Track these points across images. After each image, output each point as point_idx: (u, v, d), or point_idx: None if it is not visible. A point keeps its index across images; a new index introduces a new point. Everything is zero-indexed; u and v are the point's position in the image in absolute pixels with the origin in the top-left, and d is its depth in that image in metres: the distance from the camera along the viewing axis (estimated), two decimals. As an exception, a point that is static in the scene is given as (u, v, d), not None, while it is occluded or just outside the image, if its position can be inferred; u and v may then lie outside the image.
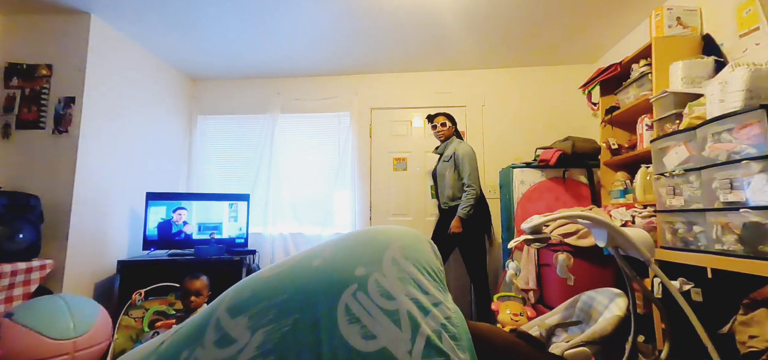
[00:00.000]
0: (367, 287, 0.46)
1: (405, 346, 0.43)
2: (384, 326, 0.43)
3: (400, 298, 0.46)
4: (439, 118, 2.78)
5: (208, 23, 2.60)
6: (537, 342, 0.61)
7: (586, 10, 2.43)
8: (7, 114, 2.41)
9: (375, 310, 0.44)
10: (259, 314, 0.45)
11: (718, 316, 1.32)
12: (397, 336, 0.43)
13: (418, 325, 0.44)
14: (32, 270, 2.06)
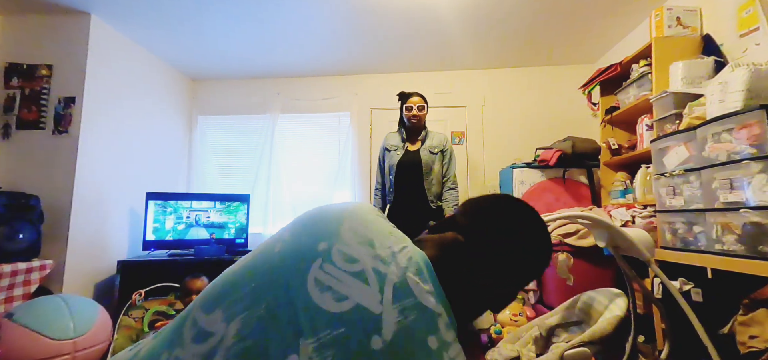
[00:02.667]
0: (332, 257, 0.49)
1: (375, 298, 0.46)
2: (353, 287, 0.47)
3: (363, 259, 0.49)
4: (416, 98, 2.36)
5: (208, 23, 2.60)
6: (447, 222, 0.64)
7: (586, 10, 2.43)
8: (7, 114, 2.41)
9: (342, 275, 0.48)
10: (232, 305, 0.47)
11: (718, 316, 1.33)
12: (366, 292, 0.47)
13: (383, 276, 0.48)
14: (32, 270, 2.06)
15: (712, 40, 1.88)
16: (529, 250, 0.62)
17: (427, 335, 0.47)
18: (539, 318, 1.79)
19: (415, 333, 0.46)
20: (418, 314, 0.47)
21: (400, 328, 0.46)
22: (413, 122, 2.35)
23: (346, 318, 0.45)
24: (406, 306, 0.47)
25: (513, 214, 0.63)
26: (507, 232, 0.61)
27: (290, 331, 0.45)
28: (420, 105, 2.34)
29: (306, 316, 0.45)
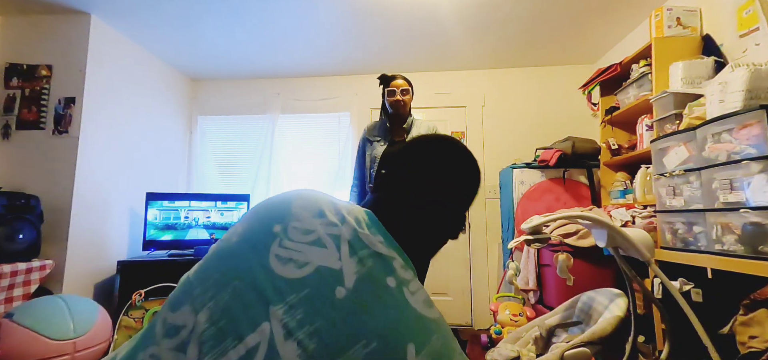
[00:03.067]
0: (288, 234, 0.52)
1: (334, 256, 0.51)
2: (312, 253, 0.51)
3: (317, 228, 0.53)
4: (400, 81, 2.04)
5: (209, 23, 2.61)
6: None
7: (586, 10, 2.44)
8: (7, 114, 2.41)
9: (300, 246, 0.51)
10: (198, 298, 0.49)
11: (718, 317, 1.32)
12: (324, 253, 0.51)
13: (337, 237, 0.53)
14: (32, 270, 2.06)
15: (712, 40, 1.88)
16: (443, 161, 0.66)
17: (386, 277, 0.51)
18: (539, 318, 1.80)
19: (374, 276, 0.51)
20: (374, 261, 0.52)
21: (359, 275, 0.50)
22: (397, 109, 2.03)
23: (310, 279, 0.49)
24: (362, 256, 0.52)
25: (423, 140, 0.68)
26: (419, 153, 0.66)
27: (259, 305, 0.47)
28: (404, 89, 2.02)
29: (272, 287, 0.48)
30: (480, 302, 3.13)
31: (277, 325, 0.46)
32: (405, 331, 0.48)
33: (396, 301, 0.50)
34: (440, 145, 0.66)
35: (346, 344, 0.45)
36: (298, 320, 0.46)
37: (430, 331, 0.50)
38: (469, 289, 3.20)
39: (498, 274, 3.12)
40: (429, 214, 0.64)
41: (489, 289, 3.13)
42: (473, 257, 3.20)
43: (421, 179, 0.64)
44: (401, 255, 0.56)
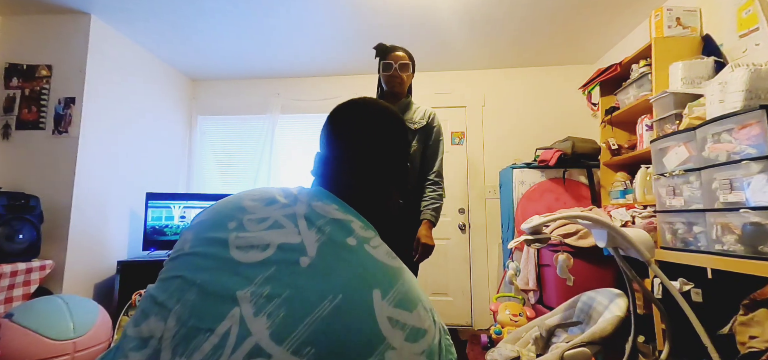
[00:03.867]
0: (244, 227, 0.53)
1: (293, 232, 0.53)
2: (271, 235, 0.52)
3: (272, 214, 0.55)
4: (400, 53, 1.72)
5: (208, 24, 2.61)
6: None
7: (586, 10, 2.44)
8: (7, 114, 2.41)
9: (259, 233, 0.52)
10: (162, 306, 0.49)
11: (718, 317, 1.33)
12: (284, 233, 0.52)
13: (293, 215, 0.55)
14: (32, 270, 2.06)
15: (711, 40, 1.88)
16: (365, 122, 0.67)
17: (346, 238, 0.53)
18: (539, 318, 1.80)
19: (335, 240, 0.53)
20: (332, 227, 0.54)
21: (320, 242, 0.52)
22: (392, 85, 1.72)
23: (273, 258, 0.50)
24: (320, 225, 0.54)
25: (342, 108, 0.69)
26: (343, 122, 0.67)
27: (227, 295, 0.47)
28: (403, 62, 1.70)
29: (237, 275, 0.49)
30: (480, 302, 3.13)
31: (246, 305, 0.46)
32: (370, 279, 0.50)
33: (358, 257, 0.52)
34: (357, 108, 0.67)
35: (314, 303, 0.46)
36: (266, 296, 0.47)
37: (394, 278, 0.52)
38: (469, 289, 3.20)
39: (498, 274, 3.12)
40: (369, 173, 0.65)
41: (489, 289, 3.13)
42: (473, 257, 3.20)
43: (350, 145, 0.65)
44: (358, 218, 0.58)
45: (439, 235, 3.24)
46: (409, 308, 0.50)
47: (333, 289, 0.47)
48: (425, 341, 0.49)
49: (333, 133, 0.66)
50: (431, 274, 3.23)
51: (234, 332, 0.44)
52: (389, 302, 0.49)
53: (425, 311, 0.52)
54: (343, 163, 0.64)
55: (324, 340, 0.44)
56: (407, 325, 0.49)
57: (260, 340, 0.44)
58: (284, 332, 0.44)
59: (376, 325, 0.47)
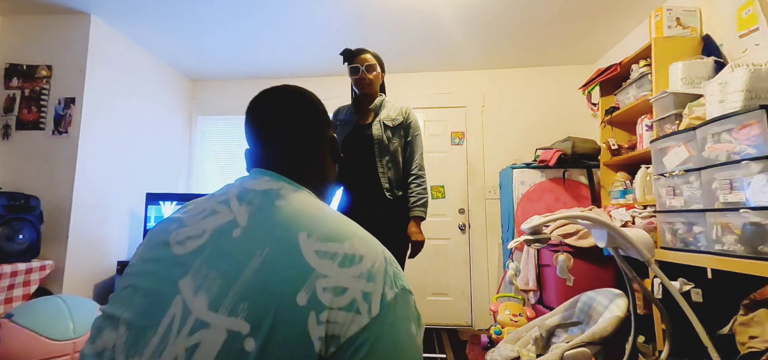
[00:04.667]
0: (183, 224, 0.56)
1: (226, 213, 0.55)
2: (207, 223, 0.54)
3: (207, 206, 0.57)
4: (366, 55, 1.79)
5: (208, 24, 2.61)
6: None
7: (586, 10, 2.44)
8: (7, 115, 2.41)
9: (196, 225, 0.55)
10: (112, 320, 0.51)
11: (718, 317, 1.33)
12: (218, 217, 0.55)
13: (226, 200, 0.57)
14: (32, 271, 2.06)
15: (711, 40, 1.88)
16: (282, 103, 0.70)
17: (275, 201, 0.56)
18: (539, 318, 1.80)
19: (264, 205, 0.55)
20: (262, 197, 0.57)
21: (251, 212, 0.54)
22: (361, 87, 1.79)
23: (209, 242, 0.52)
24: (250, 199, 0.56)
25: (261, 97, 0.71)
26: (264, 108, 0.70)
27: (170, 287, 0.49)
28: (369, 64, 1.77)
29: (178, 266, 0.51)
30: (480, 302, 3.13)
31: (186, 289, 0.48)
32: (295, 225, 0.52)
33: (286, 212, 0.54)
34: (262, 94, 0.71)
35: (244, 263, 0.48)
36: (204, 275, 0.49)
37: (321, 221, 0.54)
38: (469, 289, 3.20)
39: (498, 274, 3.12)
40: (288, 138, 0.68)
41: (489, 289, 3.13)
42: (473, 257, 3.20)
43: (265, 123, 0.68)
44: (289, 182, 0.60)
45: (439, 235, 3.27)
46: (338, 240, 0.52)
47: (261, 245, 0.50)
48: (363, 265, 0.50)
49: (250, 123, 0.69)
50: (431, 274, 3.23)
51: (177, 317, 0.46)
52: (315, 239, 0.51)
53: (363, 243, 0.53)
54: (265, 142, 0.67)
55: (255, 291, 0.46)
56: (338, 254, 0.50)
57: (200, 314, 0.46)
58: (219, 299, 0.46)
59: (303, 260, 0.49)
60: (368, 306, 0.48)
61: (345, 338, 0.46)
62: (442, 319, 3.18)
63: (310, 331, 0.45)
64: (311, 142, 0.70)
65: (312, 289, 0.46)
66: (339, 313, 0.46)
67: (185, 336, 0.45)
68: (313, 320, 0.45)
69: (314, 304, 0.46)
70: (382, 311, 0.49)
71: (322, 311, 0.46)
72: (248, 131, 0.69)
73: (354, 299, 0.48)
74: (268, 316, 0.45)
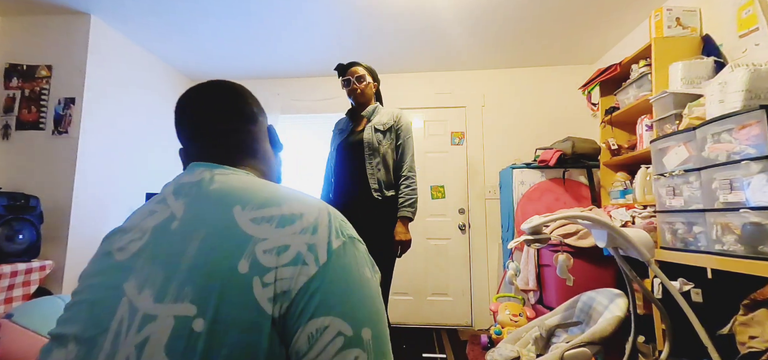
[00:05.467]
0: (124, 230, 0.56)
1: (164, 210, 0.55)
2: (147, 223, 0.54)
3: (146, 207, 0.58)
4: (354, 68, 1.91)
5: (208, 24, 2.61)
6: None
7: (586, 10, 2.44)
8: (7, 115, 2.41)
9: (137, 228, 0.55)
10: (60, 339, 0.50)
11: (718, 316, 1.33)
12: (157, 215, 0.55)
13: (164, 198, 0.57)
14: (32, 271, 2.06)
15: (711, 40, 1.88)
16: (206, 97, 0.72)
17: (210, 186, 0.56)
18: (539, 318, 1.80)
19: (199, 194, 0.55)
20: (197, 187, 0.56)
21: (187, 203, 0.54)
22: (354, 98, 1.91)
23: (149, 241, 0.52)
24: (186, 191, 0.56)
25: (188, 95, 0.73)
26: (192, 105, 0.71)
27: (115, 292, 0.48)
28: (359, 76, 1.89)
29: (121, 271, 0.50)
30: (480, 302, 3.13)
31: (131, 290, 0.48)
32: (229, 201, 0.52)
33: (220, 193, 0.54)
34: (185, 94, 0.71)
35: (183, 249, 0.48)
36: (147, 272, 0.48)
37: (255, 191, 0.54)
38: (469, 289, 3.20)
39: (498, 274, 3.12)
40: (216, 125, 0.68)
41: (489, 289, 3.13)
42: (473, 257, 3.20)
43: (191, 116, 0.69)
44: (223, 167, 0.60)
45: (439, 235, 3.27)
46: (275, 204, 0.52)
47: (198, 229, 0.50)
48: (304, 221, 0.51)
49: (179, 123, 0.70)
50: (431, 274, 3.23)
51: (125, 319, 0.46)
52: (250, 209, 0.51)
53: (302, 203, 0.53)
54: (196, 137, 0.68)
55: (197, 273, 0.46)
56: (275, 216, 0.51)
57: (146, 309, 0.45)
58: (163, 290, 0.46)
59: (239, 230, 0.49)
60: (315, 256, 0.48)
61: (295, 291, 0.46)
62: (442, 319, 3.18)
63: (257, 296, 0.45)
64: (242, 129, 0.69)
65: (252, 255, 0.47)
66: (285, 270, 0.47)
67: (134, 334, 0.44)
68: (259, 284, 0.45)
69: (256, 269, 0.46)
70: (331, 258, 0.49)
71: (266, 273, 0.46)
72: (179, 131, 0.69)
73: (299, 252, 0.48)
74: (213, 293, 0.45)
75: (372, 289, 0.52)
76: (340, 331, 0.46)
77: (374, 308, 0.50)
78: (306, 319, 0.45)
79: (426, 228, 3.28)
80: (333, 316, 0.46)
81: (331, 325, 0.46)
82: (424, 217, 3.30)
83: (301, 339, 0.45)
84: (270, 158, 0.74)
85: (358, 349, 0.46)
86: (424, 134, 3.40)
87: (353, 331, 0.46)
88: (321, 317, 0.46)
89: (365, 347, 0.47)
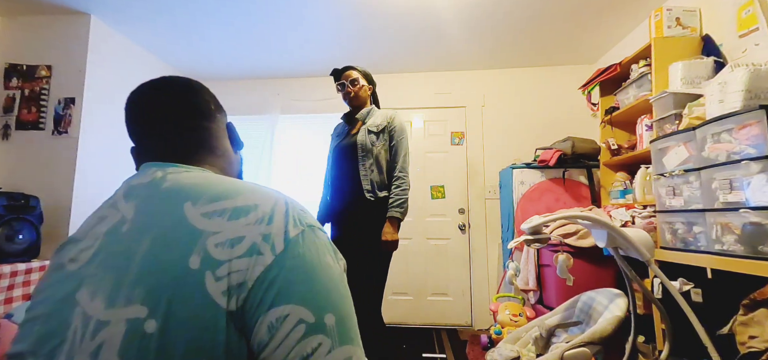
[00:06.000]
0: (76, 240, 0.55)
1: (115, 214, 0.54)
2: (98, 229, 0.53)
3: (97, 214, 0.56)
4: (348, 72, 1.93)
5: (208, 24, 2.61)
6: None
7: (586, 10, 2.44)
8: (6, 115, 2.41)
9: (89, 236, 0.54)
10: (21, 353, 0.50)
11: (718, 316, 1.33)
12: (108, 221, 0.54)
13: (114, 202, 0.56)
14: (32, 271, 2.06)
15: (711, 40, 1.88)
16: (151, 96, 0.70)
17: (161, 185, 0.54)
18: (539, 318, 1.80)
19: (151, 194, 0.54)
20: (148, 188, 0.55)
21: (137, 204, 0.53)
22: (349, 101, 1.95)
23: (100, 247, 0.51)
24: (137, 192, 0.55)
25: (136, 93, 0.70)
26: (139, 104, 0.69)
27: (68, 303, 0.48)
28: (353, 79, 1.91)
29: (73, 280, 0.49)
30: (480, 302, 3.13)
31: (84, 299, 0.47)
32: (179, 199, 0.51)
33: (170, 192, 0.53)
34: (132, 92, 0.69)
35: (134, 251, 0.48)
36: (98, 279, 0.47)
37: (207, 186, 0.53)
38: (469, 289, 3.20)
39: (498, 274, 3.12)
40: (166, 122, 0.65)
41: (489, 289, 3.13)
42: (473, 257, 3.20)
43: (140, 115, 0.67)
44: (175, 166, 0.58)
45: (439, 235, 3.27)
46: (228, 197, 0.51)
47: (148, 229, 0.49)
48: (259, 212, 0.50)
49: (130, 121, 0.67)
50: (431, 274, 3.23)
51: (80, 328, 0.45)
52: (202, 204, 0.50)
53: (257, 194, 0.52)
54: (148, 135, 0.64)
55: (147, 273, 0.45)
56: (227, 209, 0.49)
57: (99, 315, 0.45)
58: (114, 294, 0.45)
59: (190, 226, 0.48)
60: (270, 245, 0.47)
61: (252, 281, 0.45)
62: (442, 319, 3.18)
63: (210, 291, 0.44)
64: (197, 126, 0.66)
65: (203, 250, 0.46)
66: (239, 262, 0.45)
67: (88, 342, 0.44)
68: (211, 278, 0.44)
69: (208, 263, 0.45)
70: (288, 246, 0.48)
71: (218, 267, 0.45)
72: (130, 130, 0.66)
73: (254, 243, 0.47)
74: (164, 293, 0.44)
75: (334, 275, 0.50)
76: (302, 318, 0.45)
77: (337, 294, 0.49)
78: (265, 309, 0.44)
79: (426, 228, 3.28)
80: (293, 304, 0.45)
81: (291, 314, 0.45)
82: (424, 217, 3.30)
83: (262, 330, 0.44)
84: (230, 155, 0.71)
85: (321, 335, 0.45)
86: (424, 134, 3.40)
87: (315, 317, 0.45)
88: (281, 306, 0.45)
89: (329, 333, 0.46)
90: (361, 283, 1.71)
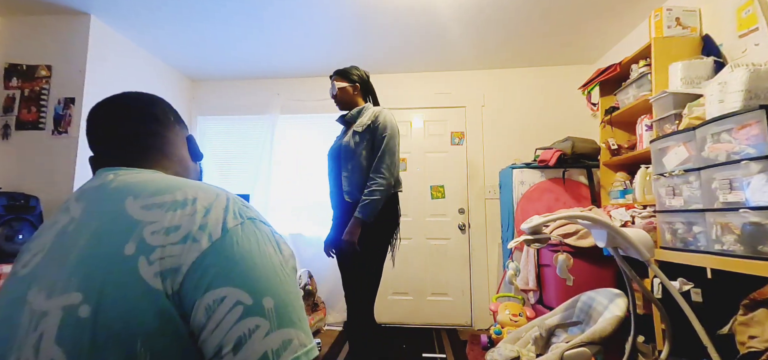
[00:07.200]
0: (29, 249, 0.55)
1: (64, 216, 0.55)
2: (49, 234, 0.54)
3: (52, 219, 0.57)
4: (333, 78, 1.95)
5: (208, 24, 2.61)
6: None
7: (585, 10, 2.44)
8: (6, 115, 2.41)
9: (38, 243, 0.54)
10: None
11: (718, 316, 1.33)
12: (57, 224, 0.54)
13: (67, 208, 0.57)
14: (32, 271, 2.06)
15: (711, 40, 1.88)
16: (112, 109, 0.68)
17: (110, 185, 0.55)
18: (539, 318, 1.80)
19: (99, 195, 0.55)
20: (97, 190, 0.56)
21: (84, 204, 0.54)
22: (338, 104, 1.97)
23: (50, 248, 0.52)
24: (87, 195, 0.55)
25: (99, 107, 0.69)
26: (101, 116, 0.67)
27: (19, 306, 0.48)
28: (333, 84, 1.94)
29: (24, 283, 0.50)
30: (480, 302, 3.13)
31: (33, 296, 0.47)
32: (123, 194, 0.52)
33: (116, 190, 0.54)
34: (109, 98, 0.69)
35: (74, 244, 0.49)
36: (44, 276, 0.49)
37: (151, 183, 0.54)
38: (469, 289, 3.20)
39: (498, 274, 3.12)
40: (122, 129, 0.66)
41: (489, 289, 3.13)
42: (473, 257, 3.20)
43: (98, 126, 0.66)
44: (129, 169, 0.59)
45: (439, 235, 3.27)
46: (169, 192, 0.52)
47: (89, 224, 0.50)
48: (198, 204, 0.51)
49: (89, 132, 0.67)
50: (431, 274, 3.23)
51: (26, 323, 0.46)
52: (143, 198, 0.51)
53: (198, 189, 0.54)
54: (104, 143, 0.65)
55: (84, 263, 0.47)
56: (167, 202, 0.51)
57: (40, 307, 0.46)
58: (54, 285, 0.47)
59: (129, 218, 0.49)
60: (206, 233, 0.48)
61: (187, 266, 0.46)
62: (442, 319, 3.18)
63: (142, 274, 0.45)
64: (151, 131, 0.67)
65: (139, 238, 0.47)
66: (173, 248, 0.46)
67: (31, 334, 0.45)
68: (144, 262, 0.45)
69: (142, 249, 0.46)
70: (225, 234, 0.49)
71: (152, 252, 0.46)
72: (89, 141, 0.67)
73: (189, 232, 0.48)
74: (97, 278, 0.45)
75: (275, 263, 0.51)
76: (239, 300, 0.45)
77: (277, 280, 0.50)
78: (202, 292, 0.45)
79: (426, 228, 3.28)
80: (231, 286, 0.46)
81: (229, 295, 0.45)
82: (424, 217, 3.30)
83: (200, 312, 0.45)
84: (186, 162, 0.73)
85: (259, 317, 0.46)
86: (424, 134, 3.40)
87: (253, 299, 0.46)
88: (217, 288, 0.45)
89: (267, 315, 0.46)
90: (350, 285, 1.75)
